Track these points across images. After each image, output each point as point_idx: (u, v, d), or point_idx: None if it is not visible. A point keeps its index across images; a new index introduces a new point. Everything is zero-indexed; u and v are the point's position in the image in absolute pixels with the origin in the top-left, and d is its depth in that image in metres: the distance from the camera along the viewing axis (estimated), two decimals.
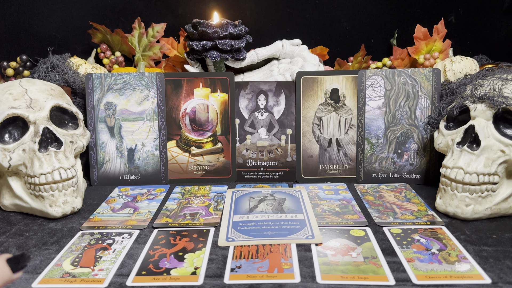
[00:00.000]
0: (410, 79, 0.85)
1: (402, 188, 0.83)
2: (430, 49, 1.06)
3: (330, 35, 1.11)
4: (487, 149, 0.66)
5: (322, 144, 0.88)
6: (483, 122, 0.69)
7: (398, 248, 0.59)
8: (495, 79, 0.72)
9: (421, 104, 0.85)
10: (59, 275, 0.54)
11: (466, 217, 0.67)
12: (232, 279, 0.52)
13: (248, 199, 0.77)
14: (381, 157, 0.87)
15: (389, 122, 0.86)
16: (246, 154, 0.90)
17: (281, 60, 0.98)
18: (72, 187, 0.72)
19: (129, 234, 0.65)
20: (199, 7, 1.09)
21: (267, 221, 0.68)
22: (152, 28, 1.07)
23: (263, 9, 1.09)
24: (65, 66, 0.91)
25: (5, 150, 0.70)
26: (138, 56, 1.09)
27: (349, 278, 0.52)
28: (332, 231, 0.64)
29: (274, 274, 0.53)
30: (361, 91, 0.86)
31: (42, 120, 0.72)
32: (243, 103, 0.89)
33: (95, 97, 0.87)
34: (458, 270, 0.53)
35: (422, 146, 0.86)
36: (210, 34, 0.89)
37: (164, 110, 0.88)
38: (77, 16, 1.07)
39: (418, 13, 1.09)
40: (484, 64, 1.02)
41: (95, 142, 0.88)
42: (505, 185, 0.69)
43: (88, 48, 1.09)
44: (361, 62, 1.08)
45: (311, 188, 0.84)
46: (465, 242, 0.61)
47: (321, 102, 0.87)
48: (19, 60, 0.98)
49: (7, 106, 0.71)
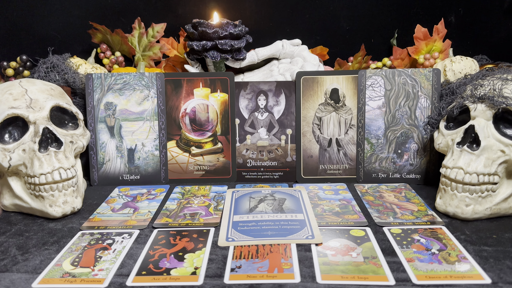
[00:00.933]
0: (410, 79, 0.85)
1: (402, 188, 0.83)
2: (430, 49, 1.06)
3: (330, 35, 1.11)
4: (487, 149, 0.66)
5: (322, 144, 0.88)
6: (483, 122, 0.69)
7: (398, 248, 0.59)
8: (495, 79, 0.72)
9: (421, 104, 0.85)
10: (59, 275, 0.54)
11: (466, 217, 0.67)
12: (232, 279, 0.52)
13: (248, 199, 0.77)
14: (381, 157, 0.87)
15: (389, 122, 0.86)
16: (246, 154, 0.90)
17: (281, 60, 0.99)
18: (72, 187, 0.72)
19: (129, 234, 0.65)
20: (199, 7, 1.09)
21: (267, 221, 0.68)
22: (152, 28, 1.07)
23: (263, 9, 1.09)
24: (65, 66, 0.91)
25: (5, 150, 0.70)
26: (138, 56, 1.09)
27: (349, 278, 0.52)
28: (332, 231, 0.64)
29: (274, 274, 0.53)
30: (361, 91, 0.86)
31: (42, 120, 0.72)
32: (243, 103, 0.89)
33: (95, 97, 0.87)
34: (458, 270, 0.53)
35: (422, 146, 0.86)
36: (210, 34, 0.89)
37: (164, 110, 0.88)
38: (77, 16, 1.07)
39: (418, 13, 1.09)
40: (484, 64, 1.02)
41: (95, 142, 0.88)
42: (505, 185, 0.69)
43: (88, 48, 1.09)
44: (361, 62, 1.08)
45: (311, 188, 0.84)
46: (465, 242, 0.61)
47: (321, 102, 0.87)
48: (19, 60, 0.98)
49: (7, 106, 0.71)
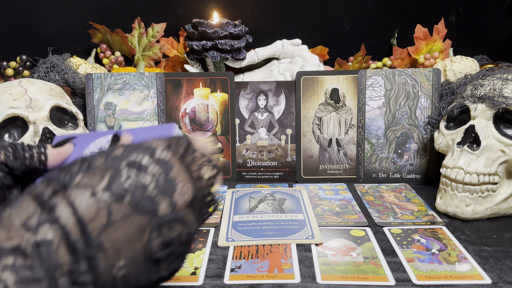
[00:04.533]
0: (410, 79, 0.85)
1: (402, 188, 0.83)
2: (430, 49, 1.06)
3: (330, 35, 1.11)
4: (487, 149, 0.66)
5: (322, 144, 0.88)
6: (483, 122, 0.69)
7: (398, 248, 0.59)
8: (495, 79, 0.72)
9: (421, 104, 0.85)
10: None
11: (466, 217, 0.67)
12: (232, 279, 0.52)
13: (248, 199, 0.77)
14: (381, 157, 0.87)
15: (389, 122, 0.86)
16: (246, 154, 0.89)
17: (281, 60, 0.98)
18: None
19: None
20: (199, 7, 1.09)
21: (267, 221, 0.68)
22: (152, 28, 1.07)
23: (263, 9, 1.09)
24: (65, 66, 0.91)
25: None
26: (138, 56, 1.09)
27: (349, 278, 0.52)
28: (332, 231, 0.64)
29: (274, 274, 0.53)
30: (361, 91, 0.86)
31: (42, 120, 0.72)
32: (243, 103, 0.89)
33: (95, 97, 0.87)
34: (458, 270, 0.53)
35: (422, 146, 0.86)
36: (210, 34, 0.89)
37: (164, 110, 0.88)
38: (77, 16, 1.07)
39: (418, 13, 1.09)
40: (484, 64, 1.02)
41: None
42: (505, 185, 0.69)
43: (88, 48, 1.08)
44: (361, 62, 1.08)
45: (311, 188, 0.84)
46: (465, 242, 0.61)
47: (321, 102, 0.87)
48: (19, 60, 0.98)
49: (6, 106, 0.71)
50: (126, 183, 0.27)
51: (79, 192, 0.26)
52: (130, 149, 0.29)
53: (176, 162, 0.29)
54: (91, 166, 0.27)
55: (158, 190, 0.27)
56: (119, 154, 0.28)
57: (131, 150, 0.29)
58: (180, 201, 0.28)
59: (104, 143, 0.38)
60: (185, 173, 0.29)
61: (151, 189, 0.27)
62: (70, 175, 0.27)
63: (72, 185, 0.26)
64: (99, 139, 0.39)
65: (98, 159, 0.28)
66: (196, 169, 0.30)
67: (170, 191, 0.28)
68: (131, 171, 0.27)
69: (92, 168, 0.27)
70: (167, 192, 0.28)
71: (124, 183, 0.27)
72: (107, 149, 0.29)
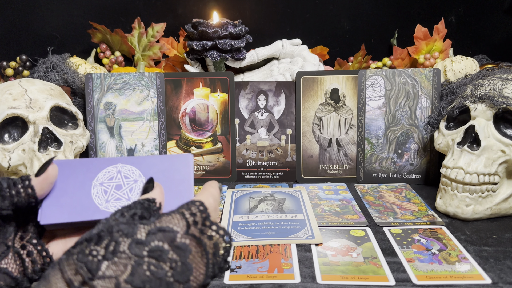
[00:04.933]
0: (410, 79, 0.85)
1: (402, 188, 0.83)
2: (430, 49, 1.06)
3: (330, 35, 1.11)
4: (488, 149, 0.66)
5: (322, 144, 0.88)
6: (483, 122, 0.68)
7: (398, 248, 0.59)
8: (495, 79, 0.72)
9: (421, 104, 0.85)
10: None
11: (466, 217, 0.67)
12: (232, 279, 0.52)
13: (248, 199, 0.77)
14: (381, 157, 0.87)
15: (389, 122, 0.86)
16: (246, 154, 0.89)
17: (281, 60, 0.98)
18: None
19: None
20: (199, 7, 1.08)
21: (267, 221, 0.68)
22: (152, 28, 1.07)
23: (263, 9, 1.09)
24: (64, 66, 0.91)
25: (5, 150, 0.70)
26: (138, 56, 1.09)
27: (349, 278, 0.52)
28: (332, 231, 0.64)
29: (274, 275, 0.53)
30: (361, 91, 0.86)
31: (42, 120, 0.71)
32: (243, 103, 0.89)
33: (95, 97, 0.87)
34: (458, 270, 0.53)
35: (422, 146, 0.86)
36: (210, 34, 0.89)
37: (164, 110, 0.88)
38: (76, 16, 1.07)
39: (418, 13, 1.09)
40: (484, 64, 1.02)
41: (94, 142, 0.87)
42: (506, 185, 0.69)
43: (87, 48, 1.08)
44: (361, 62, 1.08)
45: (311, 188, 0.84)
46: (465, 242, 0.61)
47: (321, 102, 0.87)
48: (19, 60, 0.98)
49: (6, 106, 0.71)
50: (146, 273, 0.28)
51: (104, 284, 0.27)
52: (153, 231, 0.30)
53: (194, 246, 0.30)
54: (116, 250, 0.28)
55: (174, 279, 0.29)
56: (143, 239, 0.29)
57: (154, 234, 0.30)
58: (194, 284, 0.30)
59: (132, 183, 0.38)
60: (202, 257, 0.30)
61: (168, 277, 0.28)
62: (97, 263, 0.28)
63: (98, 275, 0.27)
64: (106, 169, 0.38)
65: (123, 241, 0.29)
66: (213, 247, 0.31)
67: (185, 278, 0.29)
68: (151, 261, 0.28)
69: (117, 254, 0.28)
70: (183, 279, 0.29)
71: (145, 273, 0.28)
72: (136, 227, 0.30)
